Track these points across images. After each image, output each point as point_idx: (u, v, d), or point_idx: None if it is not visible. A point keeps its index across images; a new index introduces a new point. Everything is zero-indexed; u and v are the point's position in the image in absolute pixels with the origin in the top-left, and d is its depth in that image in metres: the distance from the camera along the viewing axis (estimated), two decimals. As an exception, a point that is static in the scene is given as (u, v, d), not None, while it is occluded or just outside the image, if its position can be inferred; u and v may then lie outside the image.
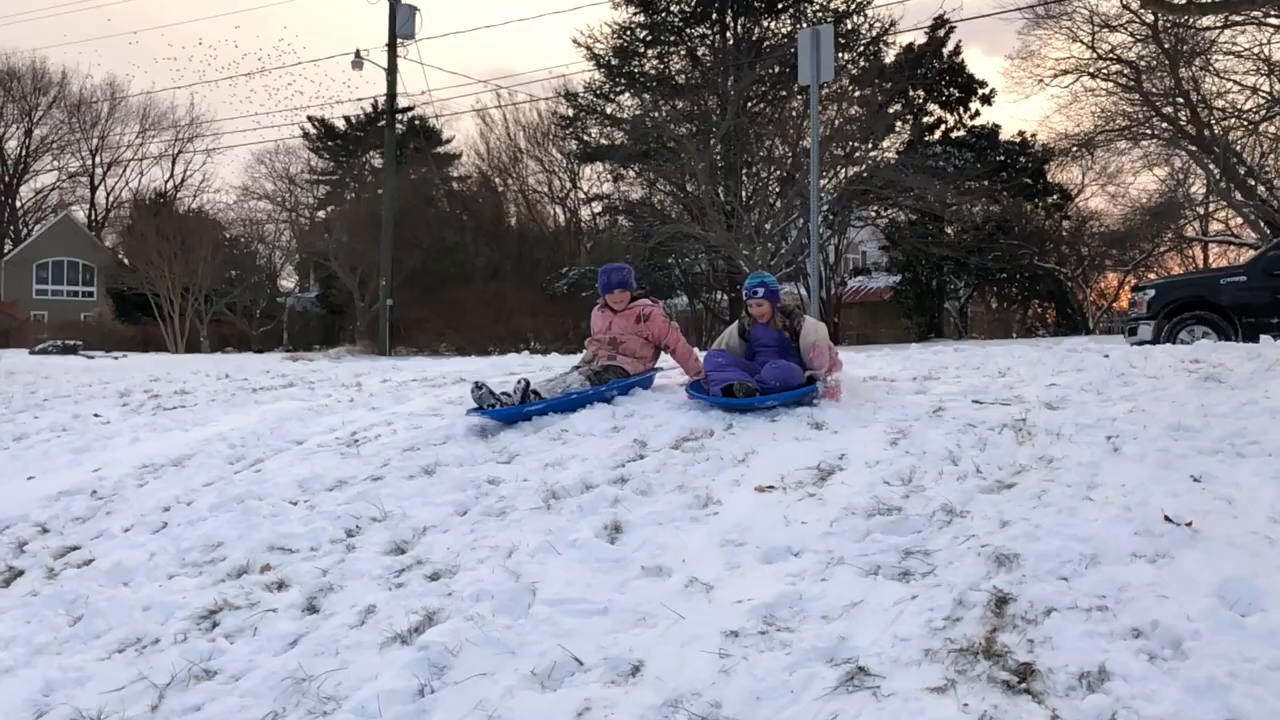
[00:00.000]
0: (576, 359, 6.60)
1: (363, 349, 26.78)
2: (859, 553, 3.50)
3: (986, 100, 27.03)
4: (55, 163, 49.95)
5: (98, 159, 49.99)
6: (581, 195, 33.61)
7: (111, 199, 51.07)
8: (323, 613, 3.65)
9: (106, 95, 49.28)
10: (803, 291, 27.42)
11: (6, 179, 48.86)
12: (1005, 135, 26.77)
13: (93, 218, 50.59)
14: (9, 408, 8.46)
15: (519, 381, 5.69)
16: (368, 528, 4.36)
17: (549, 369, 6.27)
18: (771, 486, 4.20)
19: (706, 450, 4.73)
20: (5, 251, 47.01)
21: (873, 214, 27.34)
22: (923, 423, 4.84)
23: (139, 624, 3.75)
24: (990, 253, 24.42)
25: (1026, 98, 42.54)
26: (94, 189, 50.97)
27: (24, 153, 48.61)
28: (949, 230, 26.19)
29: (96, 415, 7.63)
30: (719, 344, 5.94)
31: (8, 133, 48.27)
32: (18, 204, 49.85)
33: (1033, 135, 27.00)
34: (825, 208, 20.23)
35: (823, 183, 16.25)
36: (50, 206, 50.19)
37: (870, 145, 25.12)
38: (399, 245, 27.35)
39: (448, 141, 41.35)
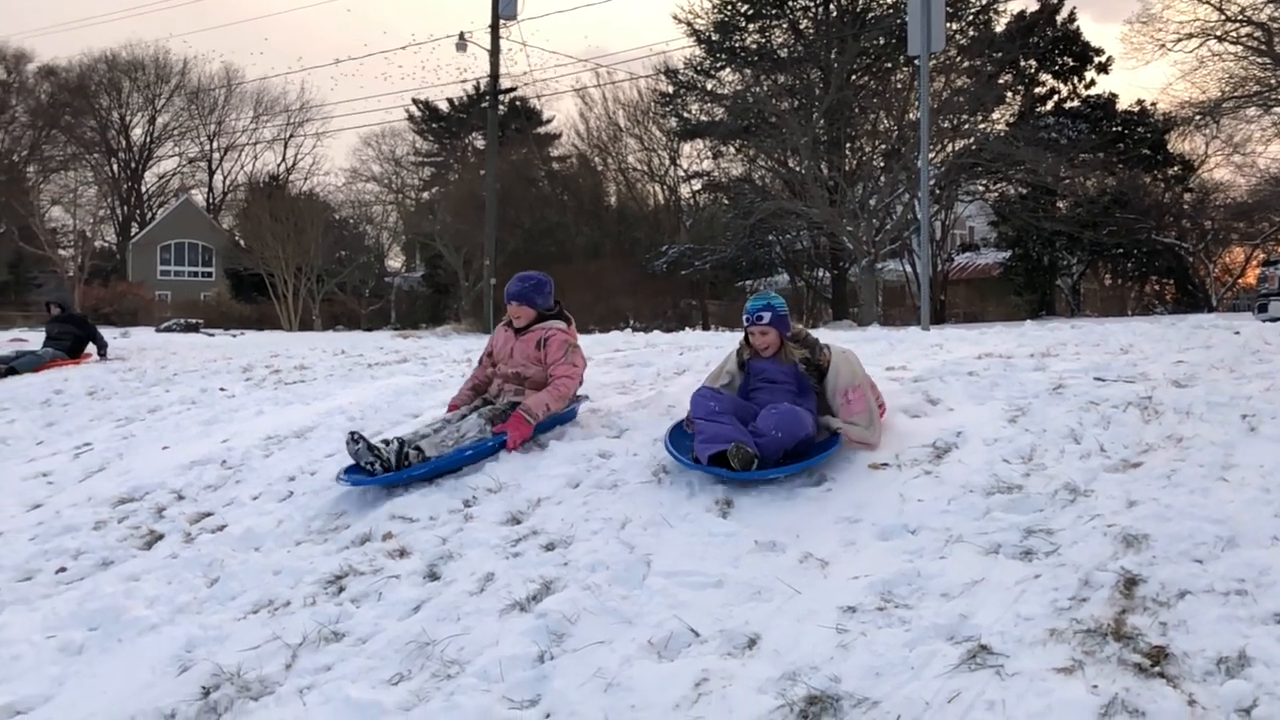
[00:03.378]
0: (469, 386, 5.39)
1: (468, 327, 27.33)
2: (978, 531, 3.44)
3: (1102, 68, 25.96)
4: (176, 148, 52.34)
5: (215, 144, 52.16)
6: (681, 173, 33.53)
7: (228, 182, 53.25)
8: (443, 579, 3.75)
9: (223, 82, 51.25)
10: (909, 269, 26.91)
11: (133, 165, 51.31)
12: (1122, 104, 25.69)
13: (211, 201, 52.77)
14: (143, 381, 8.91)
15: (391, 443, 4.67)
16: (484, 498, 4.46)
17: (440, 423, 4.93)
18: (886, 464, 4.15)
19: (817, 426, 4.69)
20: (132, 234, 49.36)
21: (981, 188, 26.57)
22: (1042, 400, 4.71)
23: (271, 587, 3.92)
24: (1105, 227, 23.48)
25: (1146, 64, 40.89)
26: (211, 173, 53.18)
27: (148, 139, 51.05)
28: (1061, 204, 25.27)
29: (222, 389, 7.98)
30: (711, 378, 4.81)
31: (134, 121, 50.71)
32: (143, 189, 52.29)
33: (1152, 104, 25.87)
34: (932, 182, 19.76)
35: (930, 156, 15.87)
36: (172, 191, 52.54)
37: (979, 117, 24.40)
38: (501, 225, 27.78)
39: (548, 122, 41.76)
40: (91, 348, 11.18)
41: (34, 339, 13.81)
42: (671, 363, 6.69)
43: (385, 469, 4.59)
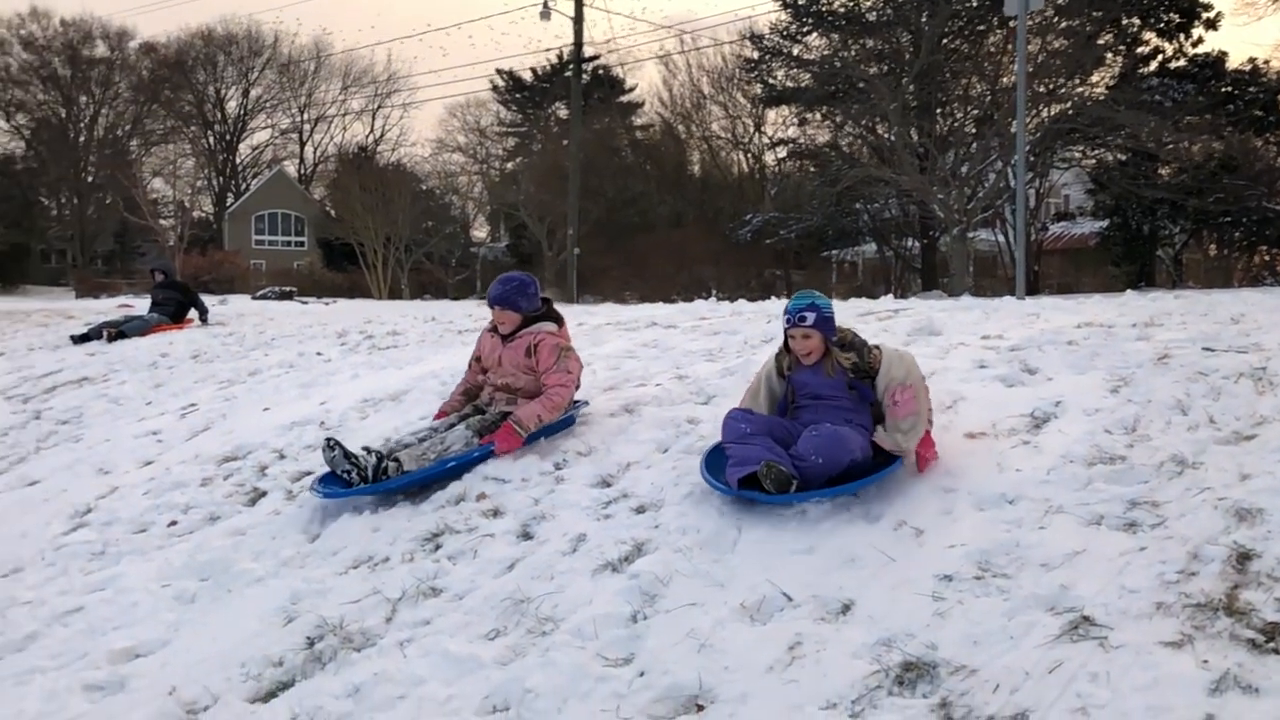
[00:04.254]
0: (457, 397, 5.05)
1: (551, 296, 27.55)
2: (1079, 502, 3.35)
3: (1211, 24, 24.67)
4: (268, 120, 53.68)
5: (305, 116, 53.32)
6: (766, 140, 33.17)
7: (318, 154, 54.43)
8: (536, 539, 3.82)
9: (312, 55, 52.25)
10: (1001, 238, 26.21)
11: (228, 137, 52.82)
12: (1233, 63, 24.41)
13: (302, 172, 54.01)
14: (243, 346, 9.22)
15: (371, 453, 4.39)
16: (574, 461, 4.51)
17: (426, 431, 4.66)
18: (983, 433, 4.07)
19: (910, 395, 4.62)
20: (228, 204, 50.89)
21: (1078, 155, 25.62)
22: (1146, 370, 4.56)
23: (370, 544, 4.04)
24: (1212, 194, 22.44)
25: (1259, 20, 38.70)
26: (302, 145, 54.42)
27: (242, 112, 52.44)
28: (1164, 171, 24.24)
29: (319, 354, 8.21)
30: (749, 395, 4.21)
31: (228, 94, 52.12)
32: (237, 160, 53.83)
33: (1265, 62, 24.54)
34: (1027, 148, 19.19)
35: (1025, 122, 15.41)
36: (265, 162, 53.99)
37: (1077, 80, 23.49)
38: (584, 195, 27.91)
39: (631, 90, 41.63)
40: (193, 313, 11.58)
41: (139, 305, 14.38)
42: (759, 330, 6.65)
43: (363, 479, 4.33)
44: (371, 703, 2.92)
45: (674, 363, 5.91)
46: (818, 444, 3.62)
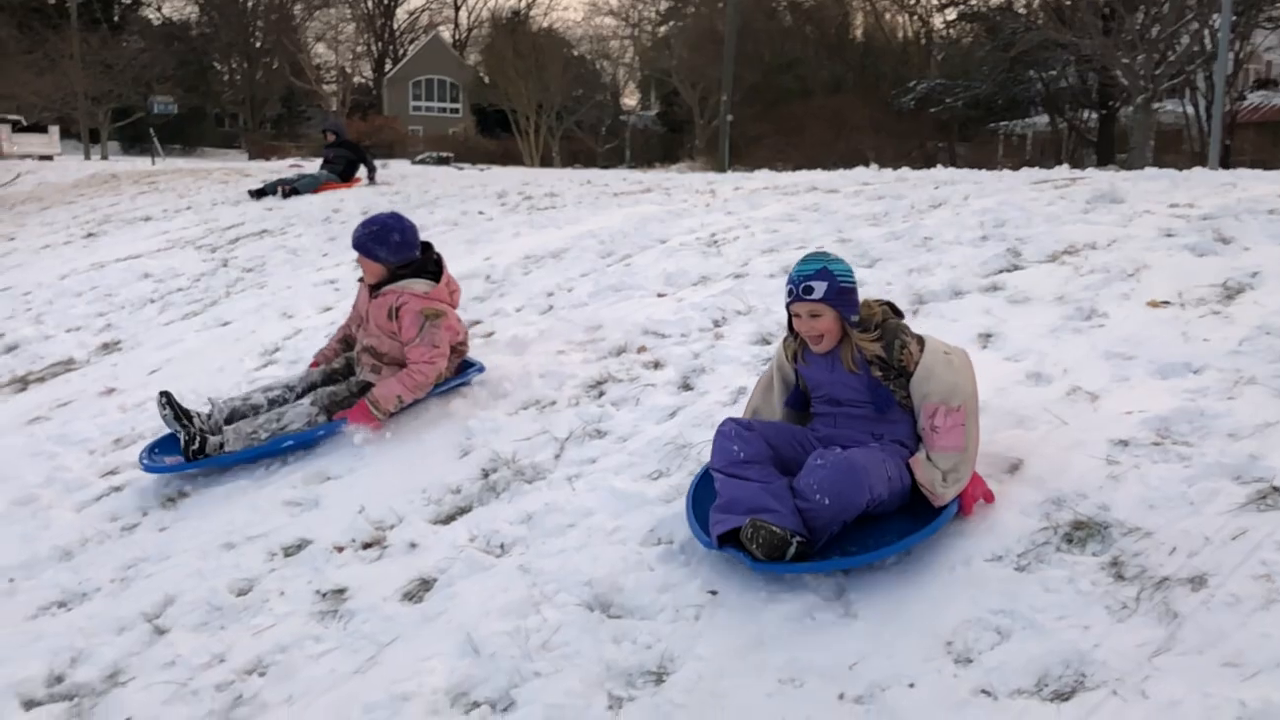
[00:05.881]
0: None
1: (702, 165, 27.23)
2: (1274, 374, 3.17)
3: None
4: (425, -17, 53.79)
5: (460, -22, 53.20)
6: (934, 2, 31.21)
7: (472, 18, 54.54)
8: (696, 390, 3.90)
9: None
10: (1189, 109, 24.19)
11: (385, 2, 53.34)
12: None
13: (456, 37, 54.33)
14: (408, 204, 9.53)
15: (208, 416, 3.95)
16: (733, 319, 4.54)
17: (280, 388, 4.14)
18: (1167, 302, 3.86)
19: (1090, 263, 4.41)
20: (386, 70, 51.83)
21: (1288, 14, 23.18)
22: (1359, 243, 4.20)
23: (537, 389, 4.20)
24: None
25: None
26: (457, 9, 54.56)
27: (399, -25, 52.72)
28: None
29: (481, 213, 8.41)
30: (760, 390, 3.17)
31: (384, -43, 52.39)
32: (394, 25, 54.46)
33: None
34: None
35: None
36: (421, 27, 54.46)
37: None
38: (739, 60, 27.06)
39: (792, -52, 39.63)
40: (361, 172, 11.99)
41: (309, 167, 14.98)
42: (925, 196, 6.42)
43: (195, 440, 3.86)
44: (543, 529, 3.10)
45: (835, 227, 5.80)
46: (823, 478, 2.61)
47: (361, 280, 4.22)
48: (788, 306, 2.91)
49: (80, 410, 4.99)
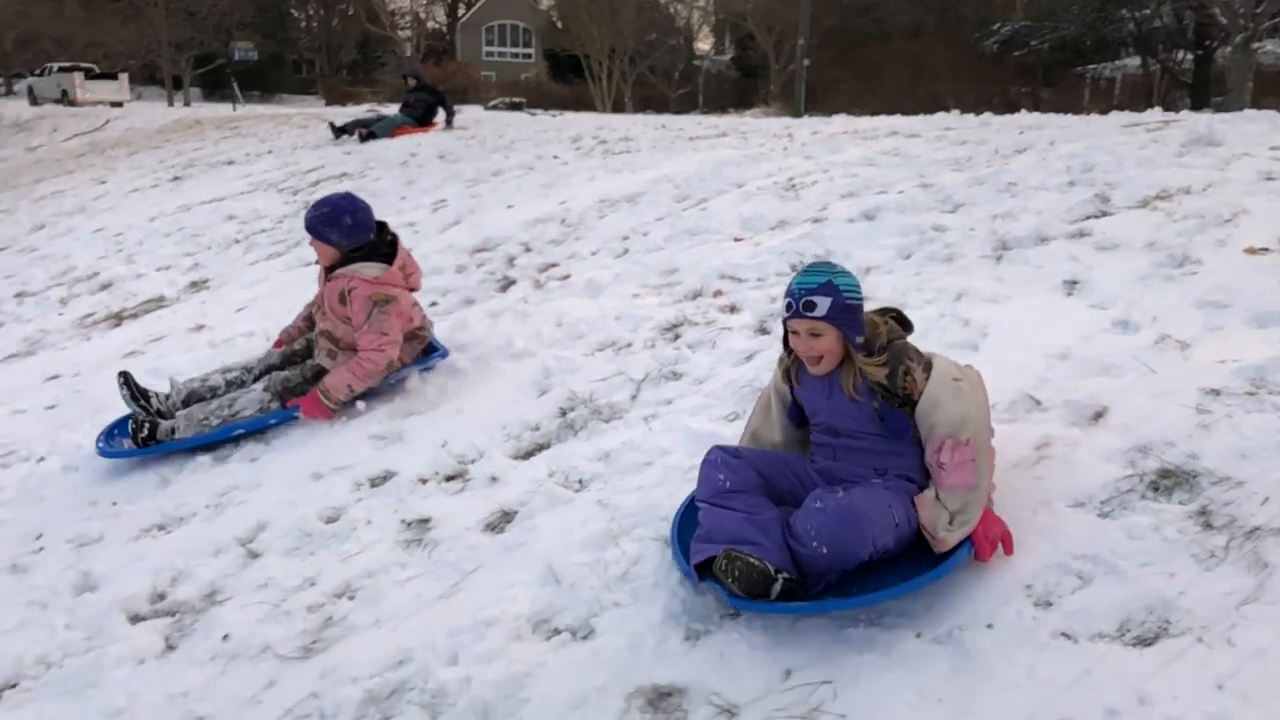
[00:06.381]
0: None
1: (776, 111, 26.81)
2: (1380, 324, 3.06)
3: None
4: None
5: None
6: (1022, -60, 30.02)
7: (546, -39, 53.90)
8: (774, 335, 3.88)
9: None
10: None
11: (459, -57, 53.12)
12: None
13: (529, -20, 53.90)
14: (484, 148, 9.59)
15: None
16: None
17: (238, 370, 4.05)
18: (1266, 249, 3.73)
19: (1183, 209, 4.27)
20: (459, 15, 51.78)
21: None
22: None
23: (612, 331, 4.24)
24: None
25: None
26: (531, -49, 54.00)
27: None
28: None
29: (556, 157, 8.43)
30: (759, 412, 2.82)
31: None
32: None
33: None
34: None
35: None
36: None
37: None
38: (816, 2, 26.44)
39: (874, -116, 38.37)
40: (439, 117, 12.07)
41: (385, 112, 15.10)
42: (1010, 140, 6.25)
43: (144, 428, 3.79)
44: (620, 466, 3.14)
45: (917, 171, 5.69)
46: (821, 524, 2.29)
47: (317, 262, 4.10)
48: (784, 321, 2.57)
49: (173, 345, 5.18)
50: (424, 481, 3.31)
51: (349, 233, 3.86)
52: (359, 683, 2.36)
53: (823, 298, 2.45)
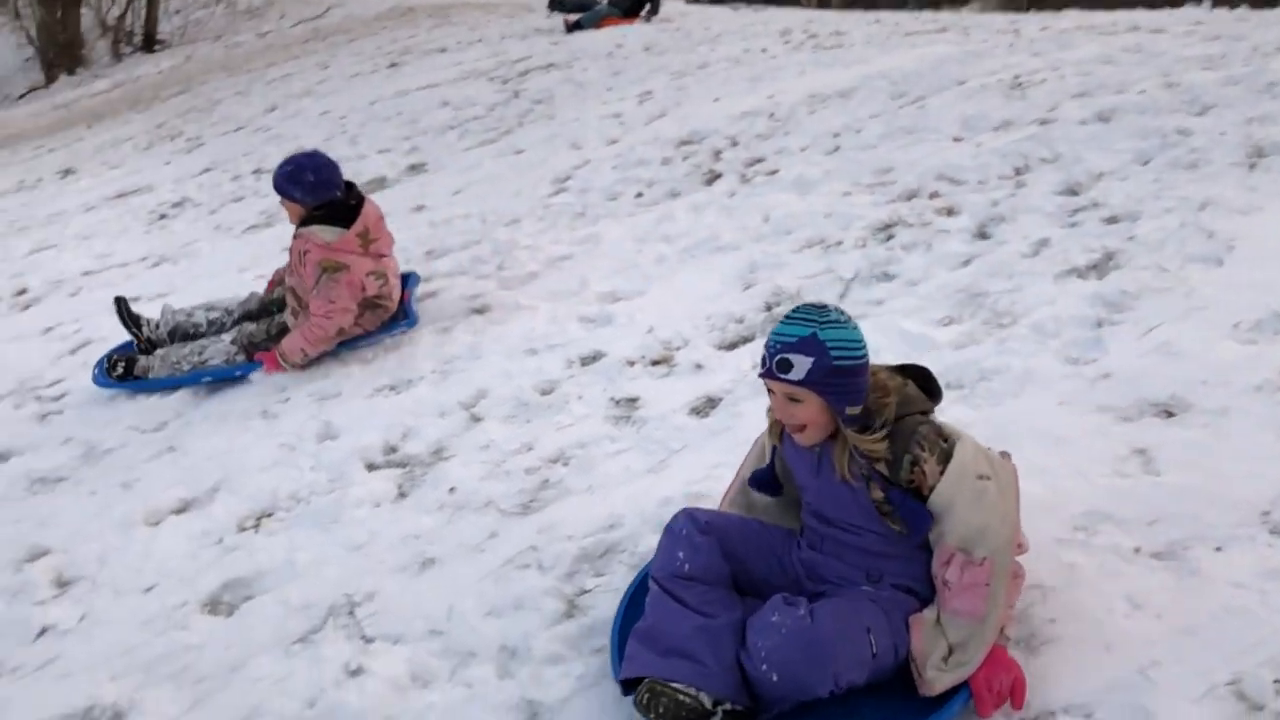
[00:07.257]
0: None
1: (996, 6, 25.08)
2: None
3: None
4: None
5: None
6: None
7: None
8: (993, 239, 3.75)
9: None
10: None
11: None
12: None
13: None
14: (690, 41, 9.46)
15: (157, 325, 4.00)
16: (1037, 167, 4.28)
17: (220, 313, 4.09)
18: None
19: None
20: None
21: None
22: None
23: (822, 228, 4.18)
24: None
25: None
26: None
27: None
28: None
29: (764, 50, 8.23)
30: (745, 467, 2.28)
31: None
32: None
33: None
34: None
35: None
36: None
37: None
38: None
39: None
40: (646, 9, 11.96)
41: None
42: (1272, 37, 5.65)
43: (118, 366, 3.93)
44: (828, 362, 3.14)
45: (1161, 69, 5.25)
46: (774, 647, 1.83)
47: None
48: (763, 378, 1.96)
49: (394, 224, 5.46)
50: (631, 364, 3.42)
51: (311, 189, 3.78)
52: (574, 540, 2.51)
53: (801, 357, 1.86)
